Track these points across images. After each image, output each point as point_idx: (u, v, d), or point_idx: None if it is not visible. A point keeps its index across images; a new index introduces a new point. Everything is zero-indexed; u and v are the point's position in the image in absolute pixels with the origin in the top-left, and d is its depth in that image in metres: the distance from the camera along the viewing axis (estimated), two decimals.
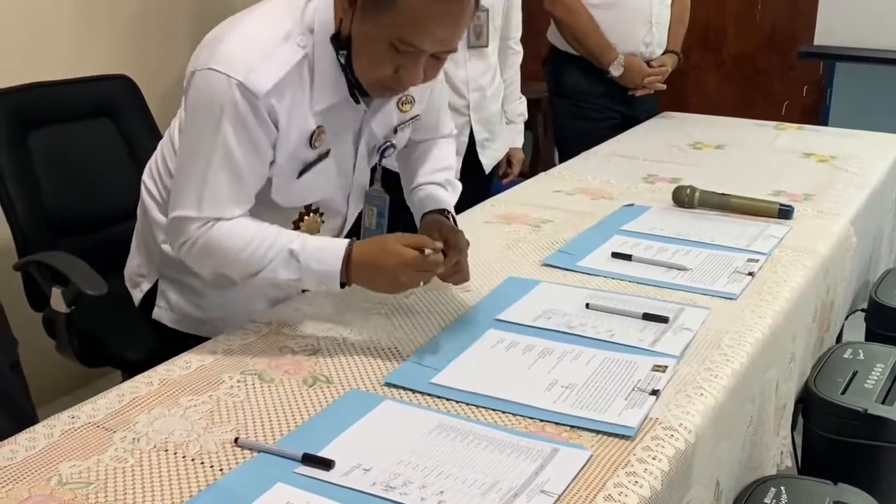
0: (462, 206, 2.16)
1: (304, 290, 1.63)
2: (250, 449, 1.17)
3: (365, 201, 1.70)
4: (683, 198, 2.14)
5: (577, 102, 3.01)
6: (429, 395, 1.30)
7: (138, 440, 1.19)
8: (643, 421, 1.24)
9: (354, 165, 1.61)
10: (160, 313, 1.72)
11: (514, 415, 1.25)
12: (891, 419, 1.65)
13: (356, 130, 1.57)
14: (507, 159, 2.76)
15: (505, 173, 2.79)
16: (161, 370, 1.37)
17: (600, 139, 2.81)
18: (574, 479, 1.11)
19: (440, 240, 1.47)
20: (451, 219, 1.62)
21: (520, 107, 2.75)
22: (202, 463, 1.14)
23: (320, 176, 1.54)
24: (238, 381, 1.34)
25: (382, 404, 1.28)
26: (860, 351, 1.86)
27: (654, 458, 1.16)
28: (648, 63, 2.98)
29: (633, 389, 1.31)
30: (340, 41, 1.41)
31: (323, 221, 1.63)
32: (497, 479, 1.10)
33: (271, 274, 1.43)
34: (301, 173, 1.50)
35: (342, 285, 1.43)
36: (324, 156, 1.52)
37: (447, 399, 1.29)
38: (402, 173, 1.76)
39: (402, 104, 1.62)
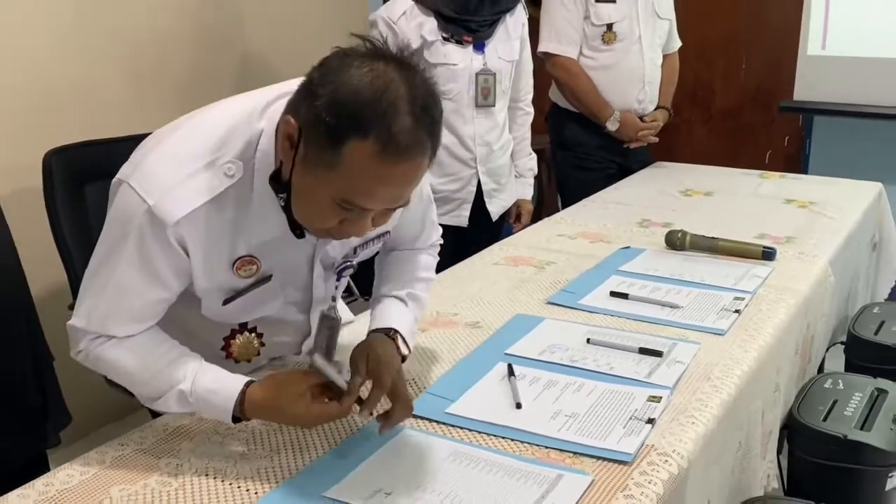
0: (472, 249, 2.19)
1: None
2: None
3: (319, 321, 1.28)
4: (675, 241, 2.15)
5: (577, 154, 3.03)
6: (444, 424, 1.31)
7: (181, 466, 1.20)
8: (640, 447, 1.24)
9: (312, 284, 1.39)
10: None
11: (521, 442, 1.26)
12: (868, 444, 1.64)
13: (309, 255, 1.35)
14: (517, 211, 2.74)
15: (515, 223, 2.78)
16: None
17: (599, 187, 2.82)
18: (577, 502, 1.11)
19: (366, 372, 1.25)
20: (400, 337, 1.36)
21: (529, 162, 2.75)
22: (238, 487, 1.15)
23: (259, 298, 1.32)
24: None
25: (403, 432, 1.29)
26: (840, 381, 1.85)
27: (650, 482, 1.17)
28: (642, 118, 3.01)
29: (630, 418, 1.32)
30: (280, 183, 1.16)
31: (262, 344, 1.41)
32: None
33: (165, 407, 1.26)
34: (230, 300, 1.30)
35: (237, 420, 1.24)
36: (263, 280, 1.30)
37: (461, 427, 1.30)
38: (375, 277, 1.52)
39: None
